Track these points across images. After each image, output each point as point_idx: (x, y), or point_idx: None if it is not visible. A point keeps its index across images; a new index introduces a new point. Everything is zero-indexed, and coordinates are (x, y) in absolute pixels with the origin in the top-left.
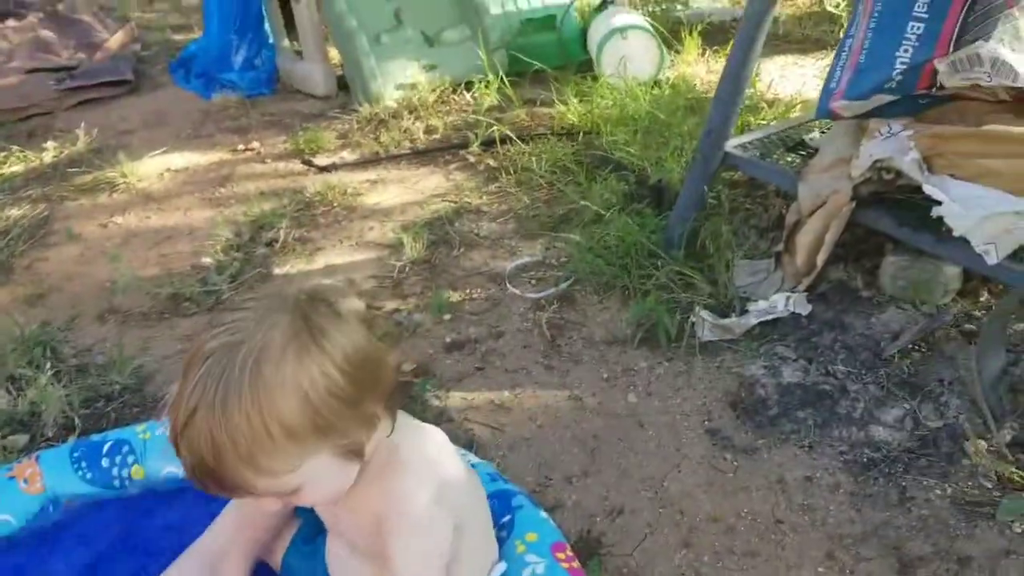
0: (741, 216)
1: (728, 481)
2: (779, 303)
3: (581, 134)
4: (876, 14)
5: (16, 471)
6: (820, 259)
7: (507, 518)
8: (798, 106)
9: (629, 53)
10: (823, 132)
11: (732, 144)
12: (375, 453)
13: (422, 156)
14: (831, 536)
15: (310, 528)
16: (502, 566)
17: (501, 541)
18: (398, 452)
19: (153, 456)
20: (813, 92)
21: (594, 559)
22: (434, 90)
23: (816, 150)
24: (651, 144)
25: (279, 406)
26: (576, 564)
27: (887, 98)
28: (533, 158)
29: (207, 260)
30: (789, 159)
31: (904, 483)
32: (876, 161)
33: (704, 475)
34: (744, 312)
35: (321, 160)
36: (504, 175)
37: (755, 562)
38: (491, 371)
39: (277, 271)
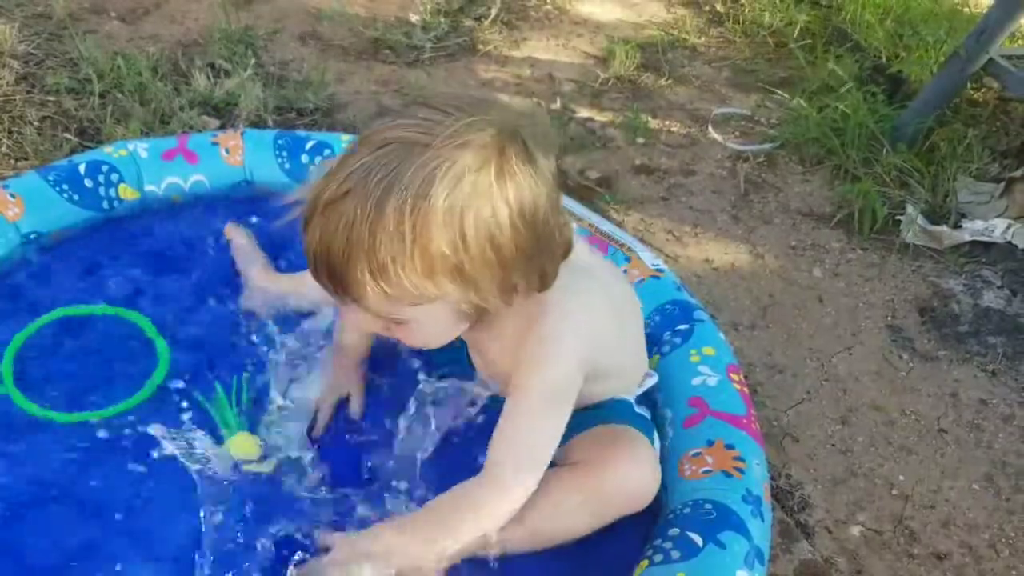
0: (978, 133)
1: (899, 378)
2: (998, 228)
3: (823, 4)
4: None
5: (220, 138)
6: None
7: (684, 326)
8: None
9: None
10: None
11: (1001, 52)
12: (527, 303)
13: None
14: (994, 461)
15: None
16: (653, 378)
17: (674, 347)
18: (547, 301)
19: None
20: None
21: None
22: None
23: None
24: (901, 33)
25: (434, 233)
26: (747, 390)
27: None
28: (766, 13)
29: (414, 18)
30: None
31: None
32: None
33: (875, 365)
34: (958, 227)
35: None
36: (730, 22)
37: (909, 459)
38: (675, 204)
39: (480, 48)
